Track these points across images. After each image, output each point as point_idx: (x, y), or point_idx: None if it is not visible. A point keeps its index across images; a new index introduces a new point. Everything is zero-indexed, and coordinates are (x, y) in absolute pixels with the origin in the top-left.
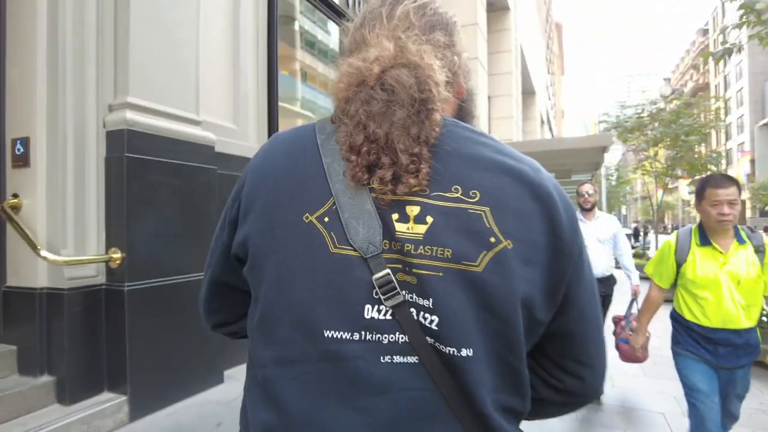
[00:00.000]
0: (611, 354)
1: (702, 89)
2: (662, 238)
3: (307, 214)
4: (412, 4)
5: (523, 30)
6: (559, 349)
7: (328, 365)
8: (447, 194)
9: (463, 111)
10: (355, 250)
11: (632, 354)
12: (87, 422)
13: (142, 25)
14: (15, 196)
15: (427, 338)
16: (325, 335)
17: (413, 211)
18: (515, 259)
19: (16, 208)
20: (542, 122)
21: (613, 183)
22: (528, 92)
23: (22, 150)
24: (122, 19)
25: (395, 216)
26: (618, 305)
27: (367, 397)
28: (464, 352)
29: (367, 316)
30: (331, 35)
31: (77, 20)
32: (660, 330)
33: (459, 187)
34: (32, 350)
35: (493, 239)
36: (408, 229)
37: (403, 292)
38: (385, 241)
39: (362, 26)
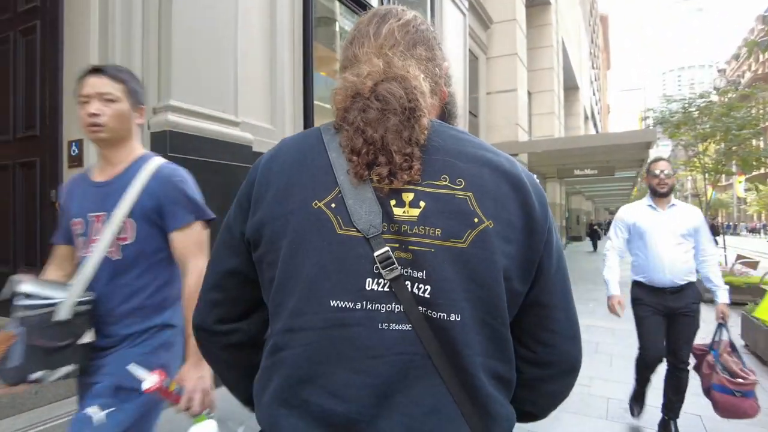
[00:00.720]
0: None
1: (761, 79)
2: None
3: (315, 201)
4: (396, 23)
5: (565, 24)
6: (532, 318)
7: (333, 332)
8: (437, 182)
9: (447, 112)
10: (359, 231)
11: (737, 406)
12: None
13: (184, 33)
14: None
15: (420, 308)
16: (331, 304)
17: (408, 197)
18: (496, 237)
19: None
20: (586, 118)
21: None
22: (571, 87)
23: (76, 151)
24: (165, 27)
25: (393, 202)
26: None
27: (366, 360)
28: (453, 317)
29: (368, 288)
30: None
31: (125, 29)
32: (703, 330)
33: (447, 177)
34: None
35: (476, 219)
36: (404, 212)
37: (400, 267)
38: (384, 223)
39: (352, 44)
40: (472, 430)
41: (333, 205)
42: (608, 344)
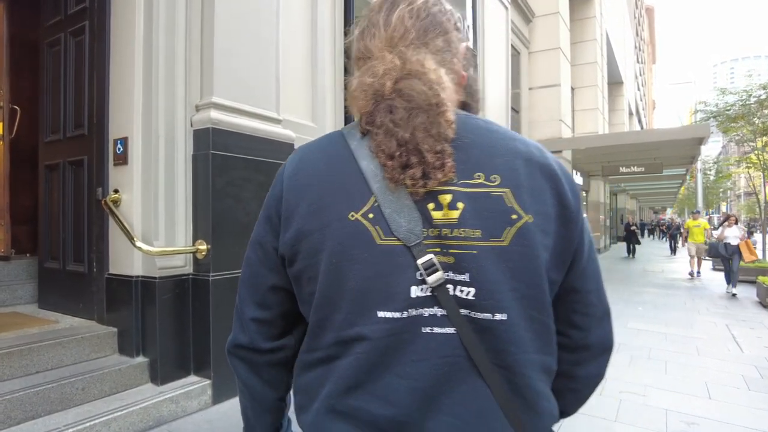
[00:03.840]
0: None
1: None
2: None
3: (352, 213)
4: (406, 8)
5: (609, 17)
6: (567, 304)
7: (383, 341)
8: (471, 181)
9: (467, 98)
10: (399, 240)
11: None
12: (175, 402)
13: (226, 31)
14: (116, 191)
15: (462, 310)
16: (379, 315)
17: (446, 199)
18: (536, 231)
19: (116, 203)
20: (631, 114)
21: (712, 178)
22: (615, 82)
23: (122, 149)
24: (207, 25)
25: (431, 206)
26: None
27: (411, 364)
28: (498, 317)
29: (413, 296)
30: None
31: (169, 28)
32: None
33: (481, 174)
34: (129, 333)
35: (515, 216)
36: (443, 215)
37: (442, 271)
38: (424, 229)
39: (363, 36)
40: (515, 429)
41: (371, 216)
42: (661, 350)
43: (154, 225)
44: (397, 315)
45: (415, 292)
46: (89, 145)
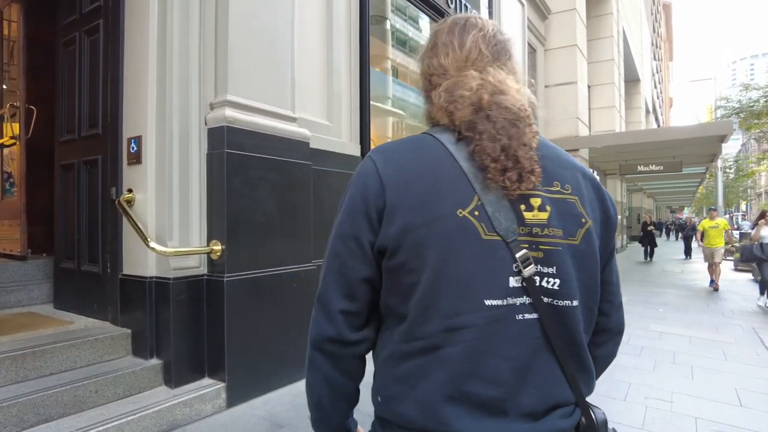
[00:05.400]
0: None
1: None
2: None
3: (459, 210)
4: (479, 33)
5: (626, 14)
6: (600, 294)
7: (490, 327)
8: (552, 188)
9: None
10: (499, 236)
11: None
12: (189, 405)
13: (241, 28)
14: (130, 191)
15: (544, 298)
16: (486, 303)
17: (536, 202)
18: (594, 233)
19: (130, 202)
20: (647, 111)
21: (732, 176)
22: (631, 80)
23: (135, 148)
24: (222, 22)
25: (523, 207)
26: None
27: (509, 347)
28: (575, 303)
29: (510, 286)
30: (422, 32)
31: (182, 26)
32: None
33: (558, 182)
34: (143, 334)
35: (584, 219)
36: (533, 216)
37: (534, 265)
38: (516, 226)
39: (437, 54)
40: (575, 391)
41: (476, 213)
42: (686, 354)
43: (168, 225)
44: (500, 302)
45: (512, 282)
46: (103, 145)
